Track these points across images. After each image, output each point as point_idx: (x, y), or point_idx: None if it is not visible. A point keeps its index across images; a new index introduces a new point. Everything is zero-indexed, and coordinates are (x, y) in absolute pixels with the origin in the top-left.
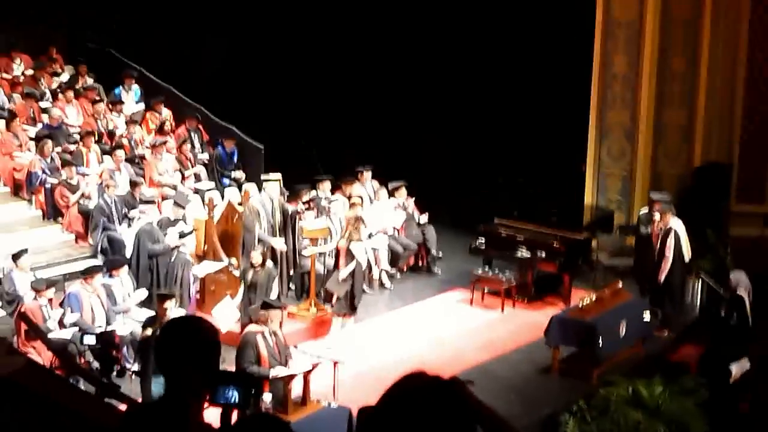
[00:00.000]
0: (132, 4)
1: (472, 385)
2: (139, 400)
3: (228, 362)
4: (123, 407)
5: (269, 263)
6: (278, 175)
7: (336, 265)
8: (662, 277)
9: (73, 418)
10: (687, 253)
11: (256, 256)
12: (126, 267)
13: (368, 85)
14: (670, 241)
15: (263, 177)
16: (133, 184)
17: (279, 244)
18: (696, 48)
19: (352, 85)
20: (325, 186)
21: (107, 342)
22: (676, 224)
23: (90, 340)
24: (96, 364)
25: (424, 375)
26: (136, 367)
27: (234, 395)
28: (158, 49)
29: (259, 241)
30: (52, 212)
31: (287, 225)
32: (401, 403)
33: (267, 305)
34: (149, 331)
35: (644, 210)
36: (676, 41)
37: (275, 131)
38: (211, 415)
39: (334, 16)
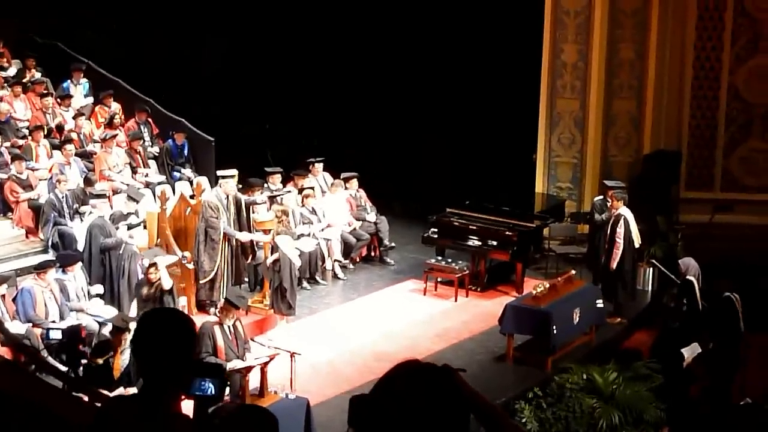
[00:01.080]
0: None
1: (464, 373)
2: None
3: None
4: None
5: (164, 278)
6: (235, 171)
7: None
8: (614, 264)
9: (45, 415)
10: (637, 240)
11: (154, 273)
12: (79, 263)
13: (318, 75)
14: (620, 228)
15: (219, 173)
16: (87, 181)
17: (244, 237)
18: (644, 37)
19: (304, 76)
20: (276, 179)
21: (74, 337)
22: (626, 211)
23: (56, 335)
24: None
25: (419, 363)
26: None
27: (209, 387)
28: (107, 41)
29: (224, 235)
30: (2, 207)
31: (240, 216)
32: (396, 391)
33: (229, 302)
34: (101, 361)
35: (598, 198)
36: (625, 29)
37: (226, 123)
38: (186, 406)
39: (284, 8)
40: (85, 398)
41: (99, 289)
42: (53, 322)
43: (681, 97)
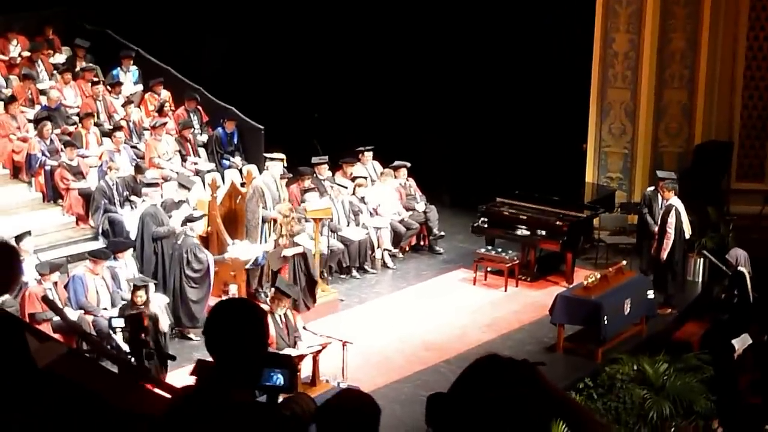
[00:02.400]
0: None
1: (544, 366)
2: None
3: None
4: (158, 391)
5: (161, 318)
6: (282, 155)
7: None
8: (665, 254)
9: (108, 404)
10: (687, 231)
11: (141, 295)
12: (130, 250)
13: (370, 65)
14: (672, 219)
15: (267, 156)
16: (138, 169)
17: (275, 213)
18: (696, 27)
19: (354, 66)
20: (323, 168)
21: (136, 325)
22: (677, 202)
23: (119, 323)
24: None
25: (498, 358)
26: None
27: (279, 378)
28: (157, 29)
29: (264, 220)
30: (52, 194)
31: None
32: (477, 387)
33: (279, 291)
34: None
35: (650, 188)
36: (677, 20)
37: (276, 112)
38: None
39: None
40: (150, 387)
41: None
42: (105, 309)
43: (732, 88)
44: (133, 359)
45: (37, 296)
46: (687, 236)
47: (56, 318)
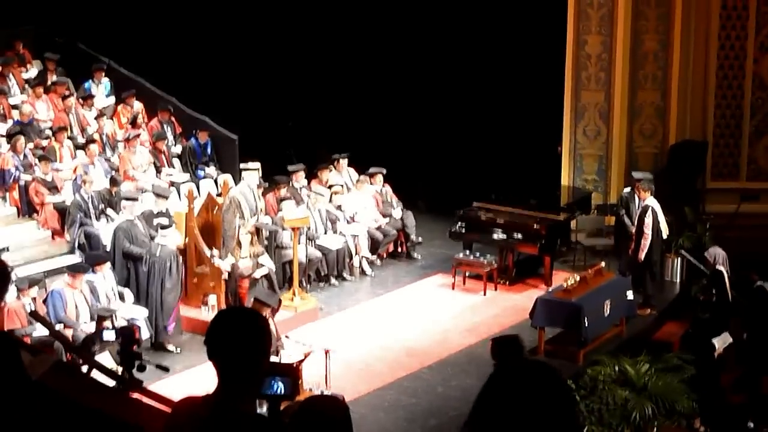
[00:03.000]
0: None
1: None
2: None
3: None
4: (151, 402)
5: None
6: (257, 164)
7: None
8: (642, 255)
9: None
10: (665, 231)
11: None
12: (108, 263)
13: (343, 73)
14: (648, 219)
15: (242, 166)
16: (113, 181)
17: (249, 225)
18: (668, 27)
19: (327, 74)
20: (300, 176)
21: (128, 337)
22: (653, 202)
23: (110, 335)
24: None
25: (529, 361)
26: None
27: (280, 386)
28: (127, 40)
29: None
30: (27, 209)
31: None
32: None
33: (258, 301)
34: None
35: (627, 190)
36: (649, 21)
37: (250, 121)
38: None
39: (307, 4)
40: (144, 399)
41: (130, 296)
42: (84, 323)
43: (706, 87)
44: (124, 371)
45: (17, 312)
46: (665, 236)
47: (36, 333)
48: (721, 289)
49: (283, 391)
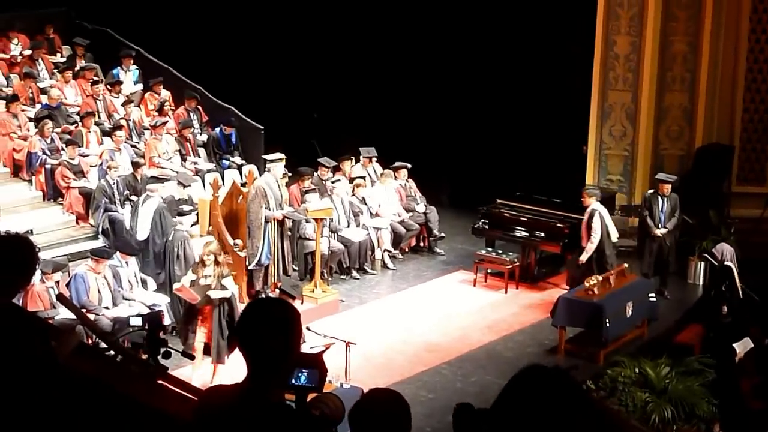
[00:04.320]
0: None
1: (577, 370)
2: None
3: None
4: (176, 389)
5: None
6: (282, 155)
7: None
8: (585, 257)
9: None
10: (614, 234)
11: None
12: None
13: (370, 66)
14: (596, 224)
15: (267, 157)
16: (135, 165)
17: (278, 214)
18: (698, 29)
19: (354, 66)
20: (325, 170)
21: (154, 323)
22: (599, 207)
23: (136, 321)
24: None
25: (544, 369)
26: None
27: (307, 378)
28: (157, 28)
29: (266, 221)
30: (53, 193)
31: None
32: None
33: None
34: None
35: (650, 191)
36: (679, 22)
37: (275, 112)
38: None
39: None
40: (170, 386)
41: (153, 284)
42: (106, 308)
43: (734, 91)
44: (149, 357)
45: (40, 294)
46: (614, 239)
47: (58, 317)
48: (731, 285)
49: (310, 383)
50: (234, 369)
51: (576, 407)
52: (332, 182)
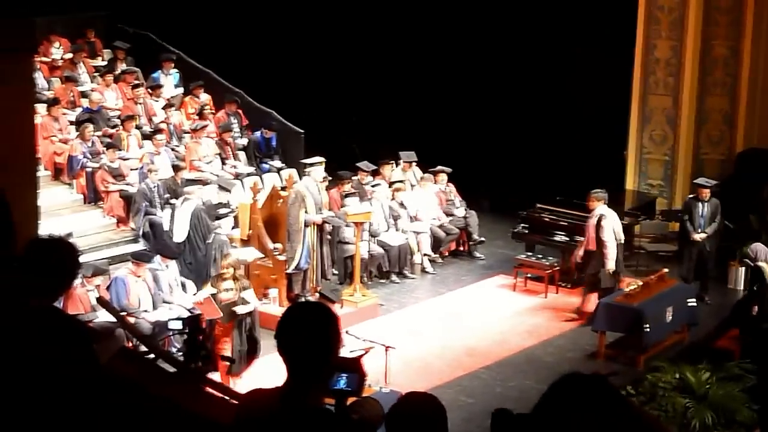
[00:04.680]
0: None
1: (616, 376)
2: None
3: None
4: (216, 392)
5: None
6: (321, 159)
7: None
8: (610, 263)
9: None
10: (620, 237)
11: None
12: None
13: (411, 70)
14: (607, 228)
15: (306, 161)
16: (176, 168)
17: (317, 218)
18: (739, 34)
19: (394, 70)
20: (365, 175)
21: (194, 327)
22: (606, 210)
23: (176, 325)
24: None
25: (583, 376)
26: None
27: (347, 382)
28: (198, 32)
29: (305, 225)
30: (93, 196)
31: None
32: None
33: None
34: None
35: (691, 196)
36: (720, 27)
37: (316, 116)
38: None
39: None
40: (210, 389)
41: (192, 287)
42: (145, 311)
43: None
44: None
45: (80, 297)
46: (622, 241)
47: (98, 320)
48: (762, 286)
49: (350, 387)
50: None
51: (615, 414)
52: (372, 186)
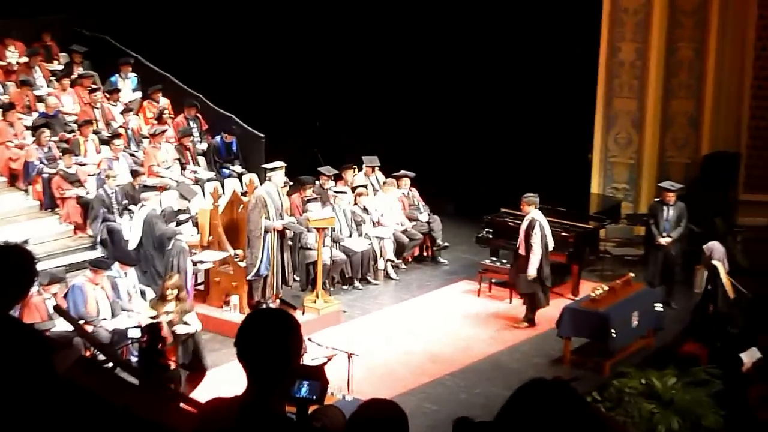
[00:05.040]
0: None
1: (578, 381)
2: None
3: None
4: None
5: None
6: (281, 164)
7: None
8: (533, 270)
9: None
10: (551, 243)
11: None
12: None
13: (372, 74)
14: (536, 234)
15: (267, 166)
16: (134, 174)
17: (278, 224)
18: (704, 36)
19: (356, 75)
20: (327, 180)
21: (153, 335)
22: (538, 215)
23: (135, 333)
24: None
25: (545, 382)
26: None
27: (309, 390)
28: (156, 35)
29: (266, 231)
30: (50, 203)
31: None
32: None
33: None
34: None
35: (656, 200)
36: (685, 29)
37: (277, 120)
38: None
39: (338, 3)
40: (169, 398)
41: (151, 293)
42: (104, 320)
43: (740, 98)
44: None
45: (37, 306)
46: (551, 248)
47: (55, 329)
48: (716, 283)
49: (311, 395)
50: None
51: (578, 419)
52: (334, 191)
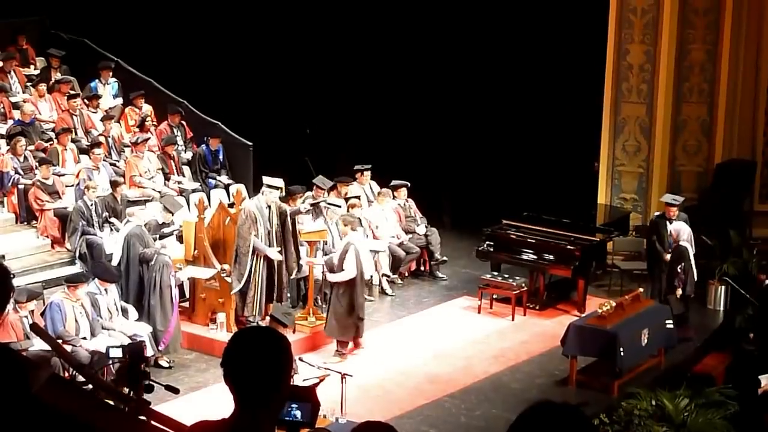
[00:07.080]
0: None
1: (587, 406)
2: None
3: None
4: (159, 425)
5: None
6: (281, 183)
7: None
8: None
9: None
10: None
11: None
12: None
13: (366, 81)
14: (351, 256)
15: (265, 180)
16: (114, 184)
17: (274, 254)
18: (717, 37)
19: (349, 82)
20: (321, 193)
21: (135, 355)
22: (353, 238)
23: (117, 353)
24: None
25: (554, 405)
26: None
27: (300, 413)
28: (138, 38)
29: (253, 250)
30: (26, 215)
31: (285, 228)
32: None
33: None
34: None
35: (657, 214)
36: (696, 30)
37: (265, 127)
38: None
39: (329, 8)
40: (153, 422)
41: (134, 314)
42: (84, 338)
43: (755, 103)
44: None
45: (13, 324)
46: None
47: (32, 348)
48: (687, 266)
49: (302, 418)
50: None
51: None
52: (327, 203)
